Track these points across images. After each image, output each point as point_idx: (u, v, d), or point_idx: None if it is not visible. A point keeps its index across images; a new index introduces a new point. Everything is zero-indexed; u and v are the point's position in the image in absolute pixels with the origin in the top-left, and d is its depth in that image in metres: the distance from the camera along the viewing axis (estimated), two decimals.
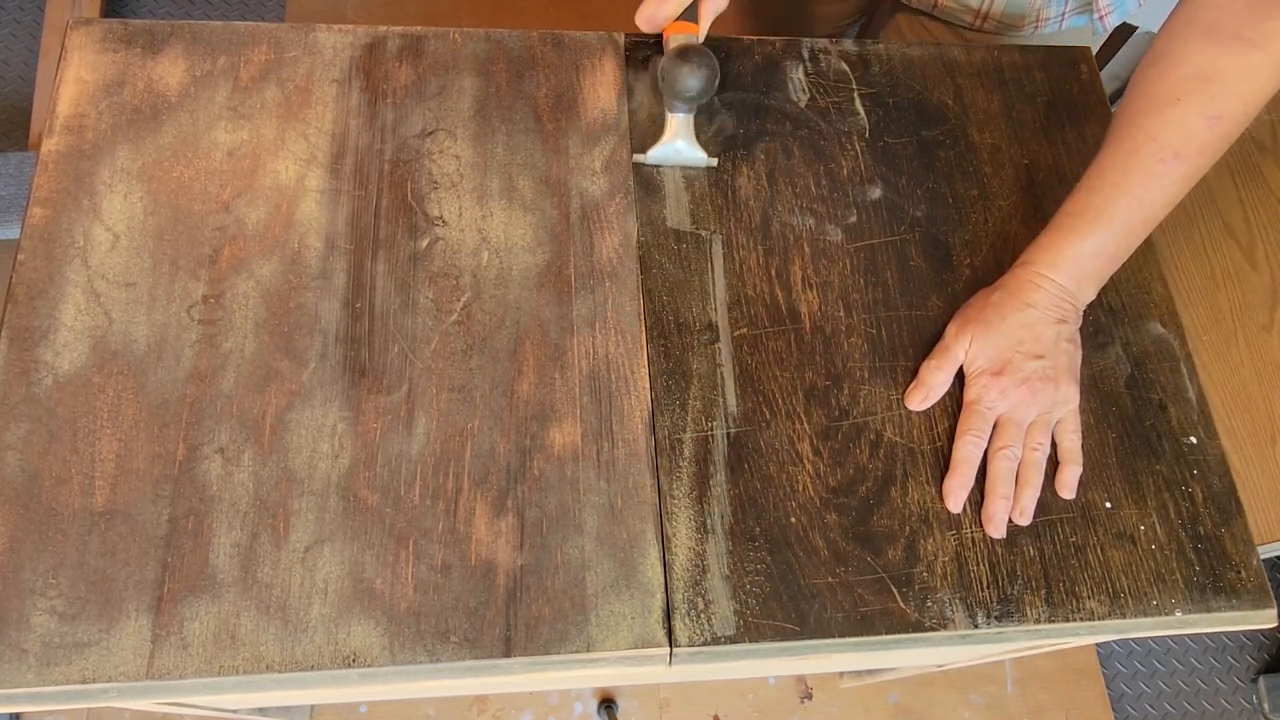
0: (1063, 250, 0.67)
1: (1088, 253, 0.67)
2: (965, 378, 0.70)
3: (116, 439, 0.63)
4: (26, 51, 1.87)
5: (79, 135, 0.71)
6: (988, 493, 0.67)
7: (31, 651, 0.57)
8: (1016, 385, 0.67)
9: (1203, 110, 0.64)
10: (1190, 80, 0.65)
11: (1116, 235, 0.67)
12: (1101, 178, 0.67)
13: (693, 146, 0.74)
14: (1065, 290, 0.68)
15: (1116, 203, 0.66)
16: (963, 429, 0.68)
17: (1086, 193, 0.68)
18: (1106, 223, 0.66)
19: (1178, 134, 0.65)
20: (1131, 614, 0.65)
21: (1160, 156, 0.65)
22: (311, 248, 0.70)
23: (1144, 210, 0.66)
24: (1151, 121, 0.66)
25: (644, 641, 0.61)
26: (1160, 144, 0.65)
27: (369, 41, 0.78)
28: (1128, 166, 0.66)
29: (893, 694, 1.58)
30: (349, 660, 0.58)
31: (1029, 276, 0.68)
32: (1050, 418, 0.68)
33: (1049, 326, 0.68)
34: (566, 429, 0.66)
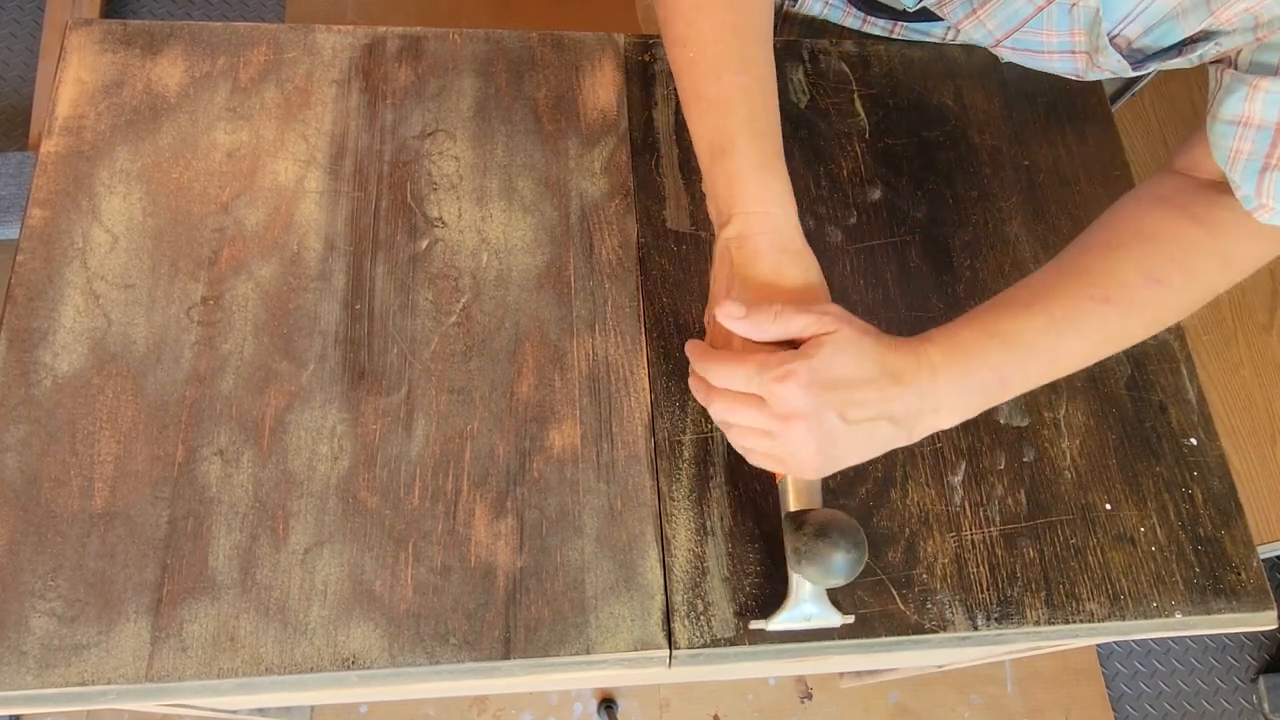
0: (966, 347, 0.58)
1: (984, 362, 0.57)
2: (789, 353, 0.57)
3: (116, 440, 0.62)
4: (26, 51, 1.87)
5: (78, 136, 0.71)
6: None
7: (30, 654, 0.57)
8: (811, 424, 0.55)
9: (1139, 263, 0.60)
10: (1130, 235, 0.62)
11: (1021, 356, 0.58)
12: (1024, 290, 0.61)
13: (825, 609, 0.61)
14: (935, 395, 0.57)
15: (1033, 318, 0.59)
16: (739, 360, 0.57)
17: (1004, 299, 0.61)
18: (1016, 335, 0.58)
19: (1112, 278, 0.60)
20: (1131, 616, 0.65)
21: (1090, 292, 0.59)
22: (311, 249, 0.70)
23: (1056, 340, 0.59)
24: (1084, 258, 0.62)
25: (643, 644, 0.61)
26: (1091, 279, 0.60)
27: (368, 42, 0.78)
28: (1054, 287, 0.60)
29: (893, 694, 1.58)
30: (348, 662, 0.58)
31: (918, 346, 0.58)
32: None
33: (884, 410, 0.56)
34: (566, 431, 0.66)
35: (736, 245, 0.62)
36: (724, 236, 0.63)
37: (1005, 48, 0.72)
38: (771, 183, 0.62)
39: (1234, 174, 0.60)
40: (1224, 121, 0.60)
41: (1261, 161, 0.59)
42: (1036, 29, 0.68)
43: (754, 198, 0.62)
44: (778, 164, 0.63)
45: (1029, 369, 0.59)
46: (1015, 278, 0.75)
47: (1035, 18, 0.67)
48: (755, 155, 0.62)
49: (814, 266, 0.63)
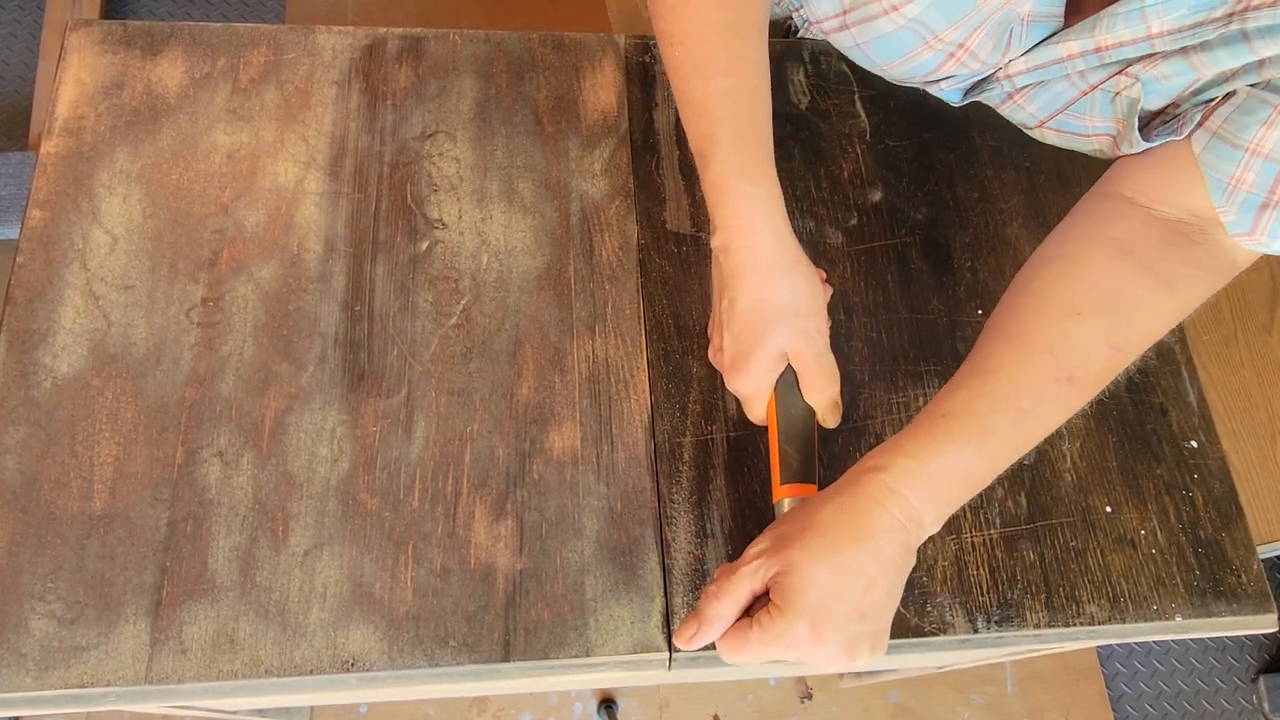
0: (929, 461, 0.55)
1: (956, 473, 0.55)
2: (766, 616, 0.54)
3: (115, 442, 0.62)
4: (26, 51, 1.87)
5: (78, 137, 0.71)
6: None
7: (30, 655, 0.57)
8: (834, 650, 0.53)
9: (1106, 335, 0.57)
10: (1097, 298, 0.58)
11: (991, 456, 0.56)
12: (987, 381, 0.57)
13: None
14: (915, 520, 0.55)
15: (1000, 416, 0.56)
16: (738, 645, 0.54)
17: (968, 394, 0.57)
18: (985, 437, 0.56)
19: (1077, 355, 0.57)
20: (1131, 619, 0.65)
21: (1055, 375, 0.56)
22: (311, 250, 0.70)
23: (1025, 431, 0.57)
24: (1050, 330, 0.58)
25: (643, 646, 0.61)
26: (1056, 360, 0.57)
27: (368, 43, 0.78)
28: (1019, 376, 0.57)
29: (893, 694, 1.58)
30: (348, 665, 0.58)
31: (879, 494, 0.55)
32: None
33: (885, 575, 0.54)
34: (566, 432, 0.66)
35: (723, 256, 0.63)
36: (712, 245, 0.64)
37: (1049, 129, 0.70)
38: (753, 192, 0.61)
39: (1229, 205, 0.57)
40: (1229, 144, 0.56)
41: (1263, 197, 0.56)
42: (1079, 114, 0.66)
43: (735, 209, 0.62)
44: (762, 170, 0.62)
45: (997, 464, 0.57)
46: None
47: (1079, 101, 0.65)
48: (737, 163, 0.61)
49: (802, 279, 0.62)
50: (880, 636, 0.55)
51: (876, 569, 0.54)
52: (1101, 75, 0.62)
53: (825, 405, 0.64)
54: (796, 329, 0.62)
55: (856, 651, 0.54)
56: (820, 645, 0.52)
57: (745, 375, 0.63)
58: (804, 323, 0.62)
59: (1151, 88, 0.60)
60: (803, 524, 0.55)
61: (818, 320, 0.63)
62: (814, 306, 0.63)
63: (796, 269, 0.62)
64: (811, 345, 0.63)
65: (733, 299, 0.63)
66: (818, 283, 0.64)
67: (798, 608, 0.52)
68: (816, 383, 0.63)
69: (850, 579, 0.53)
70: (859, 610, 0.53)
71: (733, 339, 0.63)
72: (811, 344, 0.63)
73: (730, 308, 0.63)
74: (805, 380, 0.63)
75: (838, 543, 0.54)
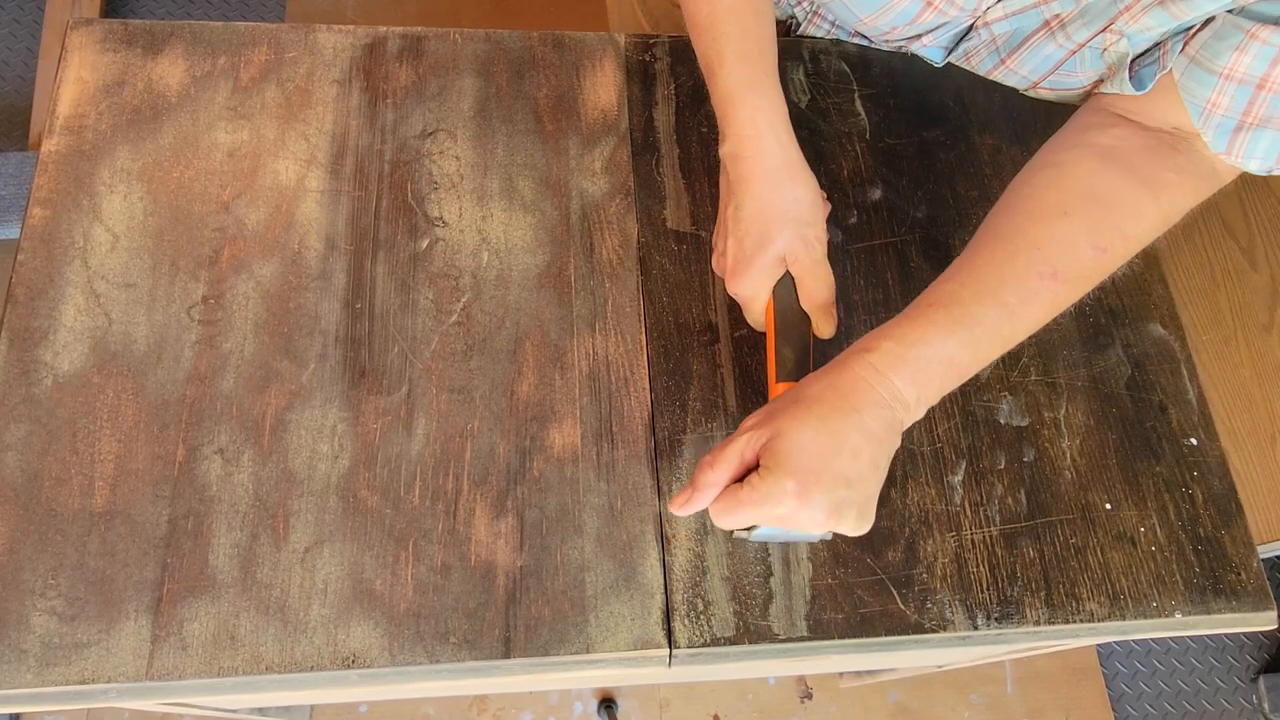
0: (915, 346, 0.57)
1: (939, 358, 0.57)
2: (756, 477, 0.56)
3: (116, 439, 0.62)
4: (26, 51, 1.87)
5: (79, 135, 0.71)
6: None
7: (31, 652, 0.57)
8: (820, 510, 0.55)
9: (1090, 235, 0.59)
10: (1083, 199, 0.60)
11: (975, 345, 0.58)
12: (973, 275, 0.60)
13: None
14: (900, 400, 0.57)
15: (985, 307, 0.58)
16: (730, 506, 0.56)
17: (955, 285, 0.59)
18: (970, 326, 0.58)
19: (1063, 251, 0.59)
20: (1131, 616, 0.65)
21: (1040, 271, 0.58)
22: (311, 248, 0.70)
23: (1009, 324, 0.59)
24: (1037, 229, 0.60)
25: (643, 643, 0.61)
26: (1044, 255, 0.59)
27: (369, 42, 0.78)
28: (1006, 270, 0.59)
29: (893, 694, 1.58)
30: (348, 661, 0.58)
31: (865, 373, 0.57)
32: None
33: (869, 446, 0.56)
34: (566, 430, 0.66)
35: (731, 163, 0.66)
36: (721, 153, 0.67)
37: (1043, 89, 0.73)
38: (761, 104, 0.65)
39: (1206, 128, 0.59)
40: (1205, 69, 0.58)
41: (1237, 120, 0.58)
42: (1070, 71, 0.68)
43: (743, 120, 0.65)
44: (767, 83, 0.66)
45: (982, 355, 0.59)
46: None
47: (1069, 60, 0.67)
48: (743, 76, 0.65)
49: (803, 188, 0.66)
50: (866, 507, 0.57)
51: (862, 439, 0.56)
52: (1087, 34, 0.65)
53: (820, 311, 0.66)
54: (796, 235, 0.65)
55: (842, 516, 0.55)
56: (806, 504, 0.54)
57: (745, 279, 0.66)
58: (804, 230, 0.65)
59: (1137, 40, 0.62)
60: (793, 398, 0.58)
61: (817, 229, 0.66)
62: (814, 215, 0.66)
63: (798, 177, 0.66)
64: (810, 252, 0.65)
65: (738, 205, 0.66)
66: (818, 192, 0.67)
67: (786, 467, 0.54)
68: (812, 289, 0.66)
69: (837, 445, 0.55)
70: (845, 476, 0.55)
71: (736, 244, 0.66)
72: (810, 251, 0.65)
73: (735, 214, 0.66)
74: (802, 286, 0.66)
75: (825, 412, 0.56)
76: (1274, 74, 0.56)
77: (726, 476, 0.57)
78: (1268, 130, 0.58)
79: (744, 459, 0.57)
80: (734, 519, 0.56)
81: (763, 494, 0.55)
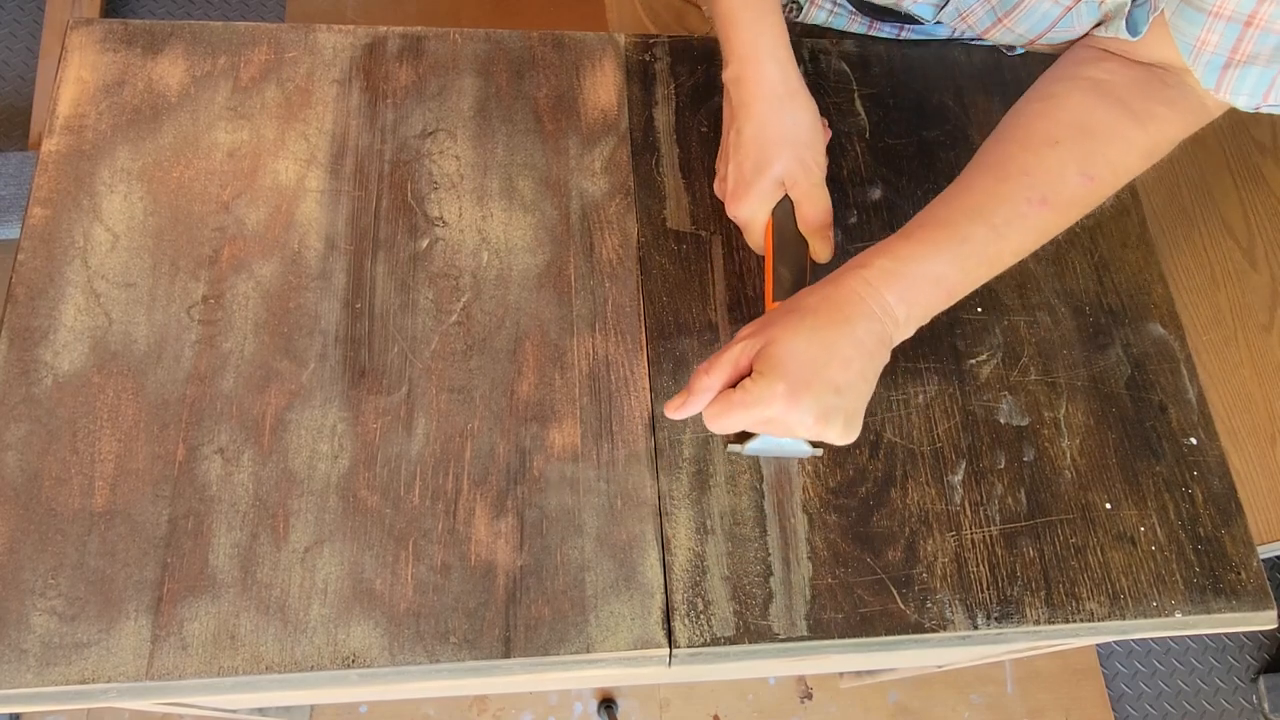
0: (907, 263, 0.59)
1: (929, 276, 0.59)
2: (749, 380, 0.58)
3: (116, 439, 0.63)
4: (26, 51, 1.87)
5: (79, 135, 0.71)
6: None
7: (31, 652, 0.57)
8: (809, 414, 0.57)
9: (1079, 163, 0.61)
10: (1073, 129, 0.62)
11: (963, 264, 0.60)
12: (964, 198, 0.61)
13: (795, 439, 0.65)
14: (891, 315, 0.59)
15: (974, 227, 0.60)
16: (723, 409, 0.58)
17: (946, 209, 0.61)
18: (959, 245, 0.59)
19: (1051, 178, 0.60)
20: (1131, 615, 0.65)
21: (1028, 196, 0.60)
22: (311, 248, 0.70)
23: (997, 246, 0.60)
24: (1027, 157, 0.61)
25: (643, 642, 0.61)
26: (1032, 181, 0.60)
27: (369, 42, 0.78)
28: (995, 193, 0.61)
29: (892, 694, 1.58)
30: (348, 661, 0.58)
31: (858, 287, 0.59)
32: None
33: (860, 357, 0.58)
34: (566, 430, 0.66)
35: (733, 87, 0.68)
36: (724, 77, 0.69)
37: (1041, 44, 0.74)
38: (762, 30, 0.67)
39: (1196, 65, 0.60)
40: (1194, 8, 0.59)
41: (1226, 57, 0.59)
42: (1068, 26, 0.69)
43: (744, 42, 0.67)
44: (769, 11, 0.67)
45: (971, 276, 0.61)
46: (1015, 276, 0.75)
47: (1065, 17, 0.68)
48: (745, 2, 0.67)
49: (803, 111, 0.68)
50: (853, 417, 0.59)
51: (853, 350, 0.58)
52: None
53: (817, 234, 0.68)
54: (795, 158, 0.67)
55: (829, 422, 0.57)
56: (796, 407, 0.56)
57: (744, 202, 0.68)
58: (802, 152, 0.67)
59: None
60: (789, 309, 0.60)
61: (815, 152, 0.68)
62: (813, 138, 0.68)
63: (798, 101, 0.68)
64: (809, 175, 0.68)
65: (738, 129, 0.68)
66: (817, 115, 0.69)
67: (778, 370, 0.57)
68: (809, 211, 0.68)
69: (828, 353, 0.57)
70: (834, 384, 0.57)
71: (736, 167, 0.69)
72: (809, 174, 0.68)
73: (736, 138, 0.68)
74: (800, 208, 0.68)
75: (818, 323, 0.58)
76: (1261, 11, 0.56)
77: (721, 381, 0.59)
78: (1255, 66, 0.59)
79: (738, 366, 0.59)
80: (726, 421, 0.58)
81: (754, 396, 0.57)
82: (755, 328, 0.60)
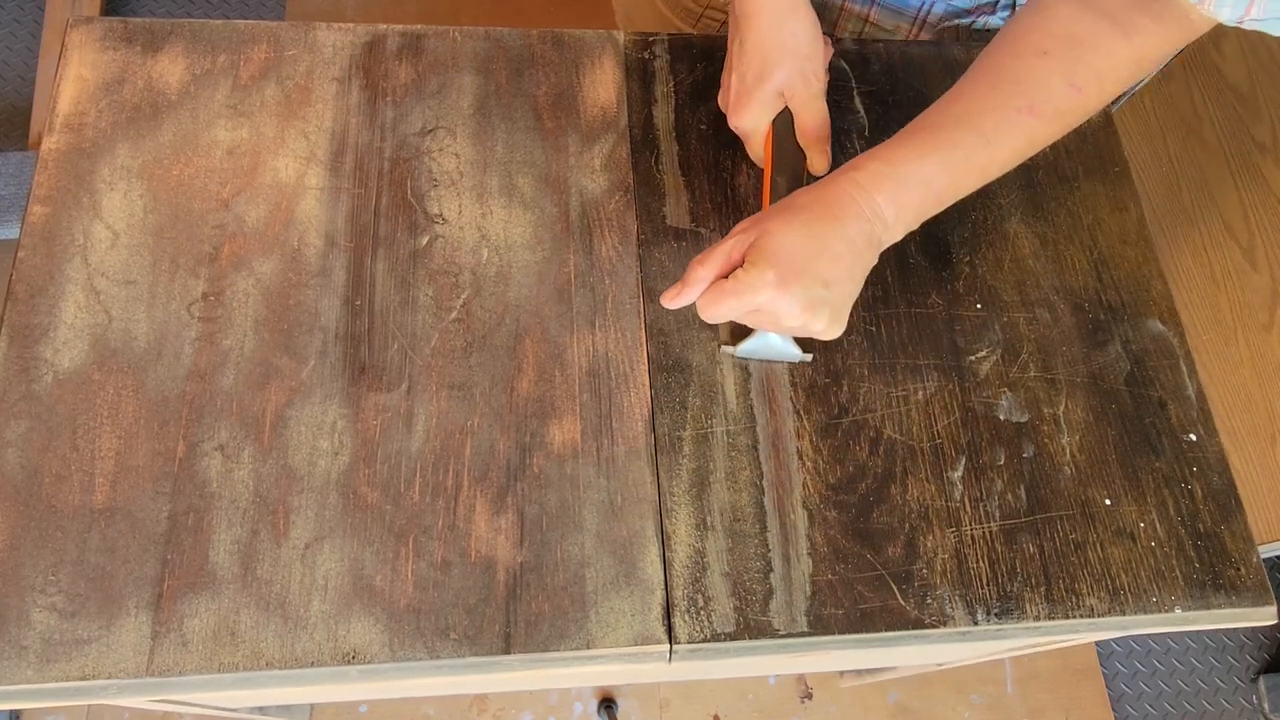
0: (896, 166, 0.62)
1: (917, 179, 0.62)
2: (740, 270, 0.60)
3: (116, 436, 0.63)
4: (26, 51, 1.87)
5: (79, 133, 0.71)
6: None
7: (31, 648, 0.57)
8: (797, 303, 0.59)
9: (1066, 73, 0.62)
10: (1060, 39, 0.63)
11: (952, 170, 0.62)
12: (954, 106, 0.64)
13: (786, 342, 0.68)
14: (880, 217, 0.62)
15: (963, 133, 0.62)
16: (715, 296, 0.61)
17: (937, 115, 0.64)
18: (948, 150, 0.62)
19: (1039, 88, 0.62)
20: (1131, 611, 0.65)
21: (1017, 104, 0.62)
22: (311, 245, 0.70)
23: (985, 152, 0.62)
24: (1017, 66, 0.63)
25: (644, 638, 0.61)
26: (1021, 90, 0.62)
27: (369, 40, 0.78)
28: (985, 101, 0.63)
29: (892, 693, 1.58)
30: (349, 657, 0.58)
31: (850, 188, 0.61)
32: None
33: (849, 254, 0.61)
34: (566, 426, 0.66)
35: (737, 1, 0.70)
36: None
37: None
38: None
39: None
40: None
41: None
42: None
43: None
44: None
45: (961, 182, 0.63)
46: (1014, 272, 0.75)
47: None
48: None
49: (802, 23, 0.69)
50: (839, 312, 0.61)
51: (843, 246, 0.60)
52: None
53: (814, 146, 0.71)
54: (795, 69, 0.69)
55: (816, 313, 0.60)
56: (785, 295, 0.58)
57: (746, 112, 0.71)
58: (802, 64, 0.69)
59: None
60: (782, 206, 0.62)
61: (815, 64, 0.70)
62: (813, 50, 0.70)
63: (800, 12, 0.70)
64: (808, 86, 0.70)
65: (741, 41, 0.70)
66: (818, 29, 0.71)
67: (768, 259, 0.59)
68: (808, 122, 0.70)
69: (818, 246, 0.59)
70: (823, 277, 0.59)
71: (738, 79, 0.71)
72: (808, 85, 0.70)
73: (740, 50, 0.71)
74: (798, 119, 0.70)
75: (810, 219, 0.60)
76: None
77: (714, 272, 0.61)
78: None
79: (731, 258, 0.61)
80: (717, 309, 0.61)
81: (745, 284, 0.59)
82: (749, 223, 0.62)
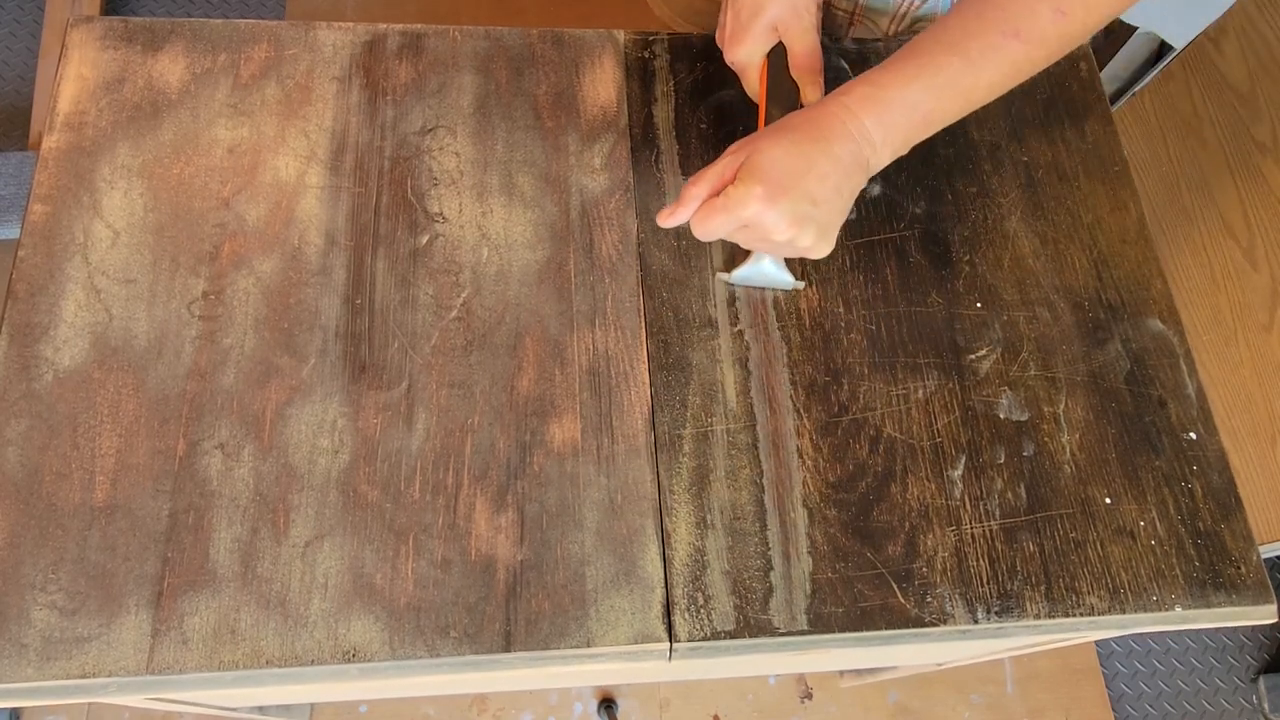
0: (884, 89, 0.63)
1: (904, 102, 0.63)
2: (730, 186, 0.62)
3: (117, 434, 0.63)
4: (26, 51, 1.87)
5: (79, 132, 0.71)
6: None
7: (31, 646, 0.57)
8: (784, 218, 0.61)
9: None
10: None
11: (939, 94, 0.64)
12: (942, 32, 0.65)
13: (779, 269, 0.71)
14: (868, 139, 0.63)
15: (949, 57, 0.63)
16: (706, 213, 0.62)
17: (926, 39, 0.65)
18: (934, 73, 0.63)
19: (1024, 12, 0.63)
20: (1131, 609, 0.65)
21: (1002, 29, 0.63)
22: (312, 244, 0.70)
23: (971, 76, 0.64)
24: None
25: (644, 637, 0.61)
26: (1005, 15, 0.63)
27: (369, 39, 0.78)
28: (968, 28, 0.64)
29: (892, 693, 1.58)
30: (349, 655, 0.58)
31: (838, 110, 0.63)
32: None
33: (836, 173, 0.62)
34: (566, 425, 0.66)
35: None
36: None
37: None
38: None
39: None
40: None
41: None
42: None
43: None
44: None
45: (947, 106, 0.64)
46: (1014, 272, 0.75)
47: None
48: None
49: None
50: (826, 230, 0.63)
51: (830, 165, 0.62)
52: None
53: (807, 77, 0.72)
54: (788, 3, 0.71)
55: (803, 228, 0.62)
56: (772, 209, 0.60)
57: (741, 46, 0.73)
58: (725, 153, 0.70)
59: None
60: (773, 128, 0.64)
61: (731, 145, 0.71)
62: None
63: None
64: (800, 20, 0.72)
65: None
66: None
67: (757, 175, 0.61)
68: (800, 54, 0.72)
69: (807, 165, 0.61)
70: (811, 194, 0.61)
71: (734, 15, 0.73)
72: (800, 19, 0.72)
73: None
74: (791, 52, 0.72)
75: (798, 138, 0.62)
76: None
77: (707, 191, 0.63)
78: None
79: (723, 178, 0.63)
80: (708, 225, 0.62)
81: (734, 199, 0.61)
82: (742, 144, 0.64)
